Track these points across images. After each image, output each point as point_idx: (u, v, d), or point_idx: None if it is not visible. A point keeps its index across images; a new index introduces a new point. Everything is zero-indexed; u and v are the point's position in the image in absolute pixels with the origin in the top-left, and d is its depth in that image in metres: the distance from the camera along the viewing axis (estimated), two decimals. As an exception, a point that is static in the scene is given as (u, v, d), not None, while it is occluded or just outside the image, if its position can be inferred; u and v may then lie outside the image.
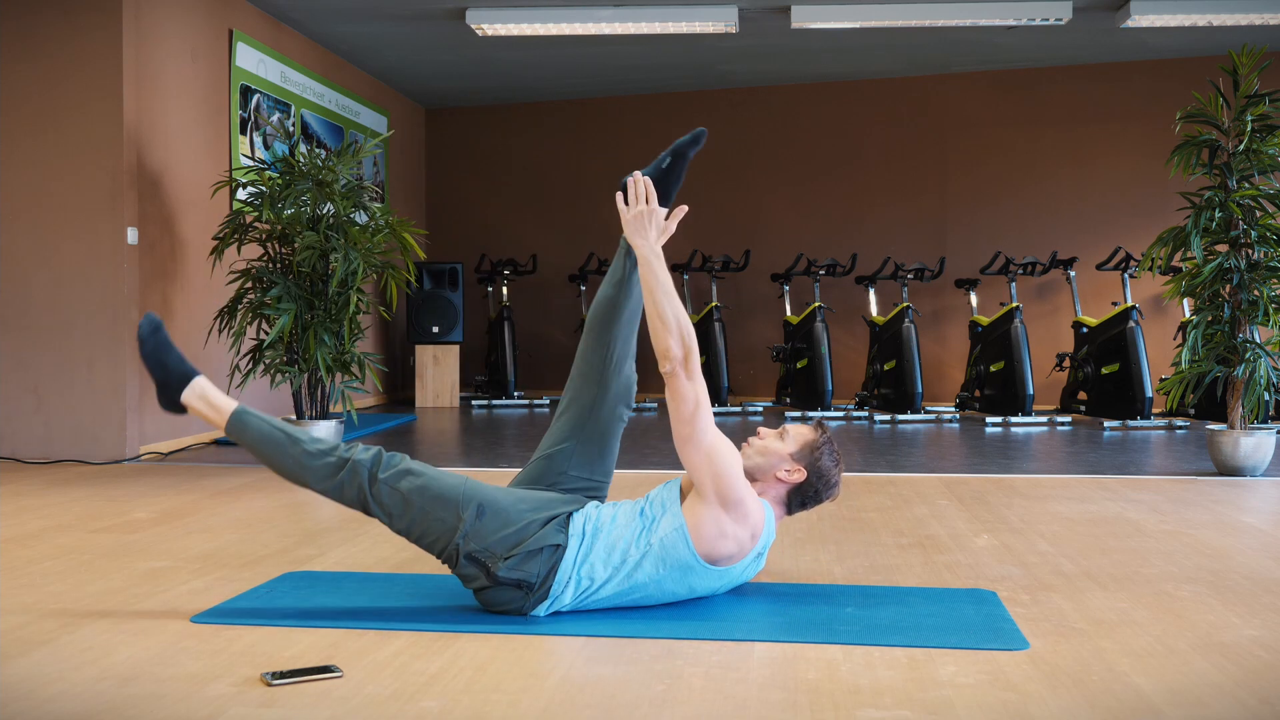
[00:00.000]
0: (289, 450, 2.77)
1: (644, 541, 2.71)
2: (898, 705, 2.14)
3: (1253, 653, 2.50)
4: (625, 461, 5.87)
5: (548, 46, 8.28)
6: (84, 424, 5.75)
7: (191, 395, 2.86)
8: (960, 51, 8.82)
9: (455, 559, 2.68)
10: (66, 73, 5.76)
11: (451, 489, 2.72)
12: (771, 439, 2.87)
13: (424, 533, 2.71)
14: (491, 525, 2.67)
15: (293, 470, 2.77)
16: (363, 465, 2.72)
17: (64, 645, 2.53)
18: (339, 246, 5.60)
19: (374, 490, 2.71)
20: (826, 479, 2.85)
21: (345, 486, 2.73)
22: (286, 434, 2.79)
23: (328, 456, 2.75)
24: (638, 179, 2.88)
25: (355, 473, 2.72)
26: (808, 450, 2.84)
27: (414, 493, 2.70)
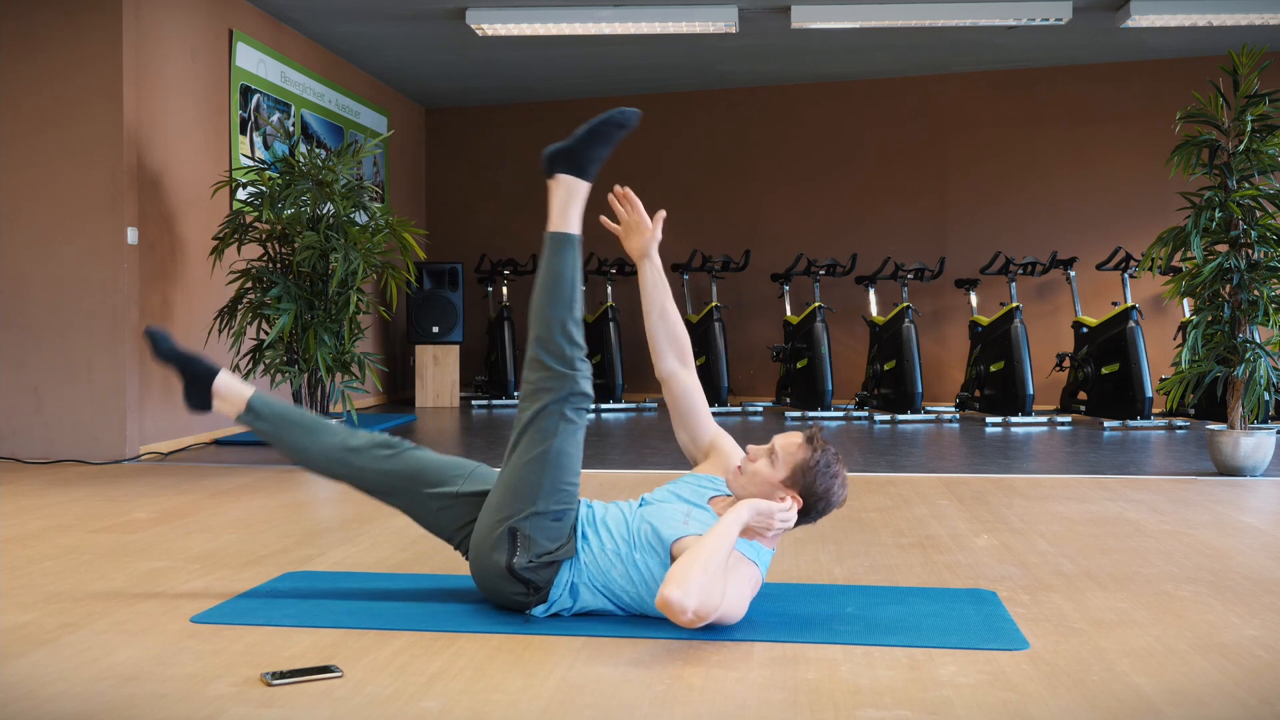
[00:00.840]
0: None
1: (633, 589, 2.67)
2: (898, 705, 2.14)
3: (1253, 653, 2.50)
4: (625, 461, 5.87)
5: (548, 46, 8.27)
6: (84, 424, 5.75)
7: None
8: (960, 51, 8.82)
9: (500, 524, 2.66)
10: (66, 73, 5.76)
11: (568, 468, 2.71)
12: (763, 462, 2.70)
13: (511, 486, 2.68)
14: (554, 530, 2.67)
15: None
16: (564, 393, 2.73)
17: (64, 645, 2.53)
18: (339, 246, 5.60)
19: (561, 410, 2.71)
20: (825, 499, 2.70)
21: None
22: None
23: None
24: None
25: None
26: (799, 474, 2.67)
27: (558, 452, 2.69)
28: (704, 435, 3.01)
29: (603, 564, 2.68)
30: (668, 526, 2.67)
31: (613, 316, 9.11)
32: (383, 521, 3.98)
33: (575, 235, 2.80)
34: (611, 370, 8.95)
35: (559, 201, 2.82)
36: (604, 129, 2.80)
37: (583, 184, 2.82)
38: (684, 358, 3.02)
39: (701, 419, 3.01)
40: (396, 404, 9.52)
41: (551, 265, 2.78)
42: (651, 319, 3.00)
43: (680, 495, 2.82)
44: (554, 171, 2.83)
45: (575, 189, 2.82)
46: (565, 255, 2.78)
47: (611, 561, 2.68)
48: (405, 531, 3.79)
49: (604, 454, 6.17)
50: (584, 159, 2.81)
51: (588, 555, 2.68)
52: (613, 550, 2.68)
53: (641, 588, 2.66)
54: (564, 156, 2.82)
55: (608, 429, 7.52)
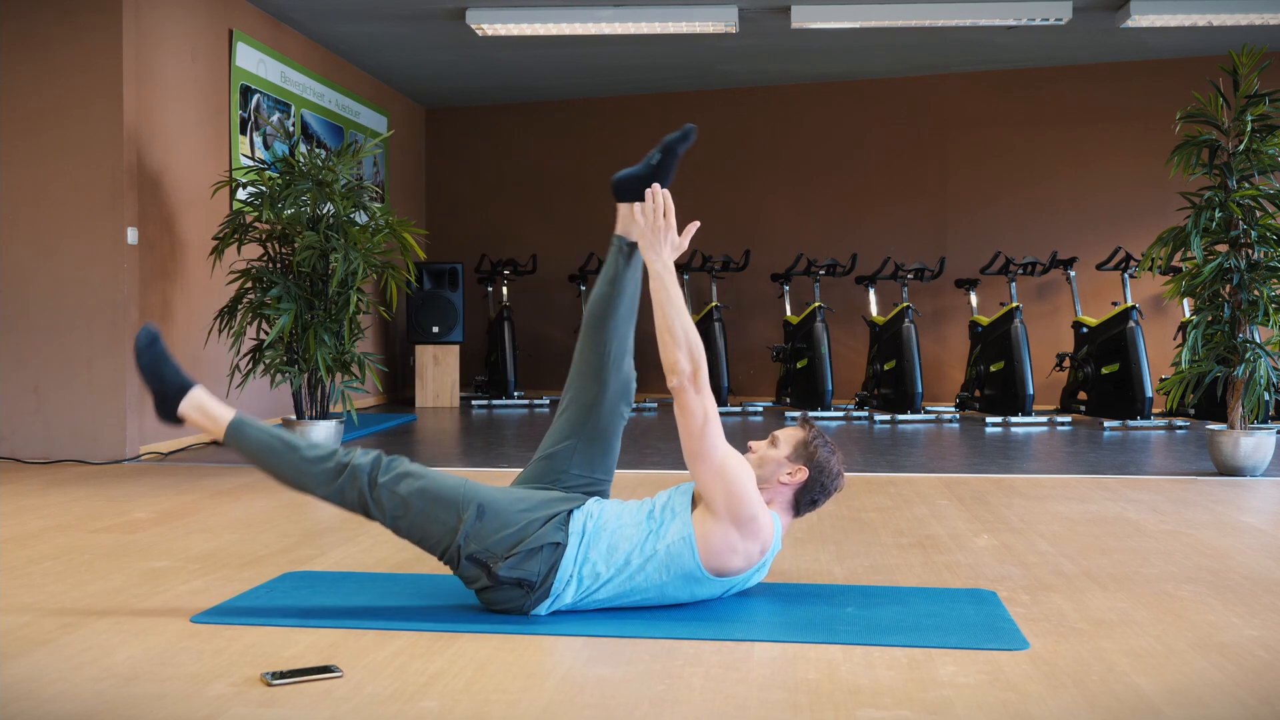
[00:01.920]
0: (288, 458, 2.76)
1: (649, 547, 2.71)
2: (898, 705, 2.14)
3: (1253, 653, 2.50)
4: (625, 461, 5.87)
5: (548, 46, 8.28)
6: (84, 424, 5.75)
7: (189, 406, 2.83)
8: (960, 51, 8.82)
9: (457, 560, 2.68)
10: (66, 73, 5.76)
11: (451, 490, 2.72)
12: (763, 448, 2.87)
13: (425, 535, 2.71)
14: (491, 525, 2.67)
15: (292, 477, 2.77)
16: (362, 469, 2.72)
17: (64, 645, 2.53)
18: (339, 246, 5.60)
19: (374, 494, 2.71)
20: (829, 470, 2.84)
21: (345, 491, 2.73)
22: (284, 441, 2.78)
23: (326, 462, 2.75)
24: (656, 192, 2.87)
25: (355, 477, 2.72)
26: (802, 448, 2.83)
27: (414, 495, 2.70)
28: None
29: (615, 529, 2.72)
30: (679, 491, 2.82)
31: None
32: (383, 521, 3.98)
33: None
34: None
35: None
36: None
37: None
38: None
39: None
40: (396, 404, 9.52)
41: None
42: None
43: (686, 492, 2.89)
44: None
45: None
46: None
47: (627, 533, 2.72)
48: (405, 531, 3.79)
49: (604, 454, 6.16)
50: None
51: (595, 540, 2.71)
52: (631, 523, 2.74)
53: (657, 543, 2.70)
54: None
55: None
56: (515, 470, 5.34)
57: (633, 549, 2.71)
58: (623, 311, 2.90)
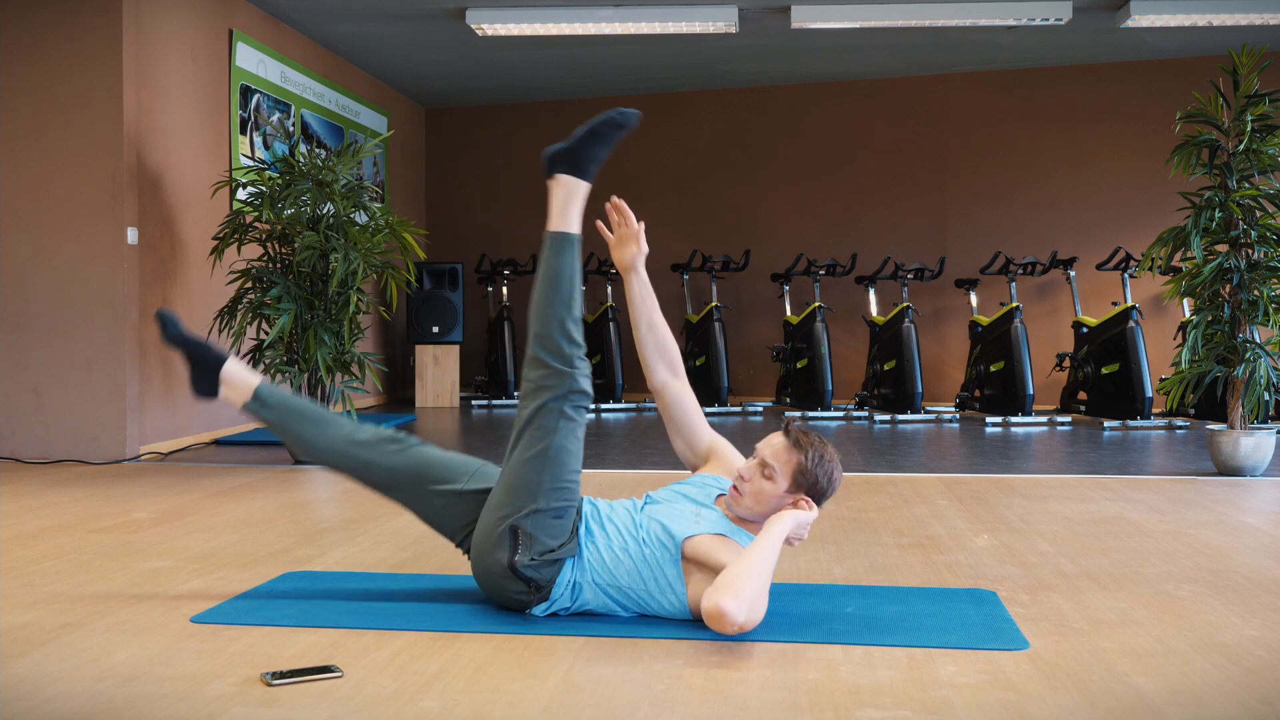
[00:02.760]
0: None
1: (640, 586, 2.67)
2: (898, 705, 2.14)
3: (1253, 653, 2.50)
4: (625, 461, 5.87)
5: (548, 46, 8.28)
6: (84, 424, 5.75)
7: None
8: (960, 51, 8.82)
9: (501, 522, 2.66)
10: (66, 73, 5.76)
11: (573, 470, 2.72)
12: (760, 481, 2.70)
13: (513, 482, 2.69)
14: (554, 527, 2.66)
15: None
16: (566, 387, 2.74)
17: (64, 645, 2.53)
18: (339, 246, 5.60)
19: (560, 408, 2.71)
20: (830, 488, 2.74)
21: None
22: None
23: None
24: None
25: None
26: (800, 478, 2.69)
27: (543, 452, 2.68)
28: (700, 442, 3.05)
29: (609, 561, 2.68)
30: (678, 524, 2.68)
31: (612, 316, 9.11)
32: (383, 521, 3.98)
33: (575, 235, 2.82)
34: (611, 370, 8.96)
35: (559, 201, 2.84)
36: (603, 130, 2.82)
37: (582, 184, 2.84)
38: (674, 368, 3.05)
39: (696, 426, 3.05)
40: (396, 404, 9.52)
41: (551, 264, 2.79)
42: (640, 331, 3.03)
43: (687, 495, 2.83)
44: (554, 172, 2.85)
45: (575, 189, 2.83)
46: (564, 254, 2.79)
47: (618, 559, 2.68)
48: (405, 531, 3.79)
49: (604, 454, 6.17)
50: (583, 159, 2.83)
51: (592, 552, 2.68)
52: (620, 547, 2.69)
53: (650, 584, 2.66)
54: (564, 157, 2.84)
55: (608, 429, 7.52)
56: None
57: (625, 584, 2.68)
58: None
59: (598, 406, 8.71)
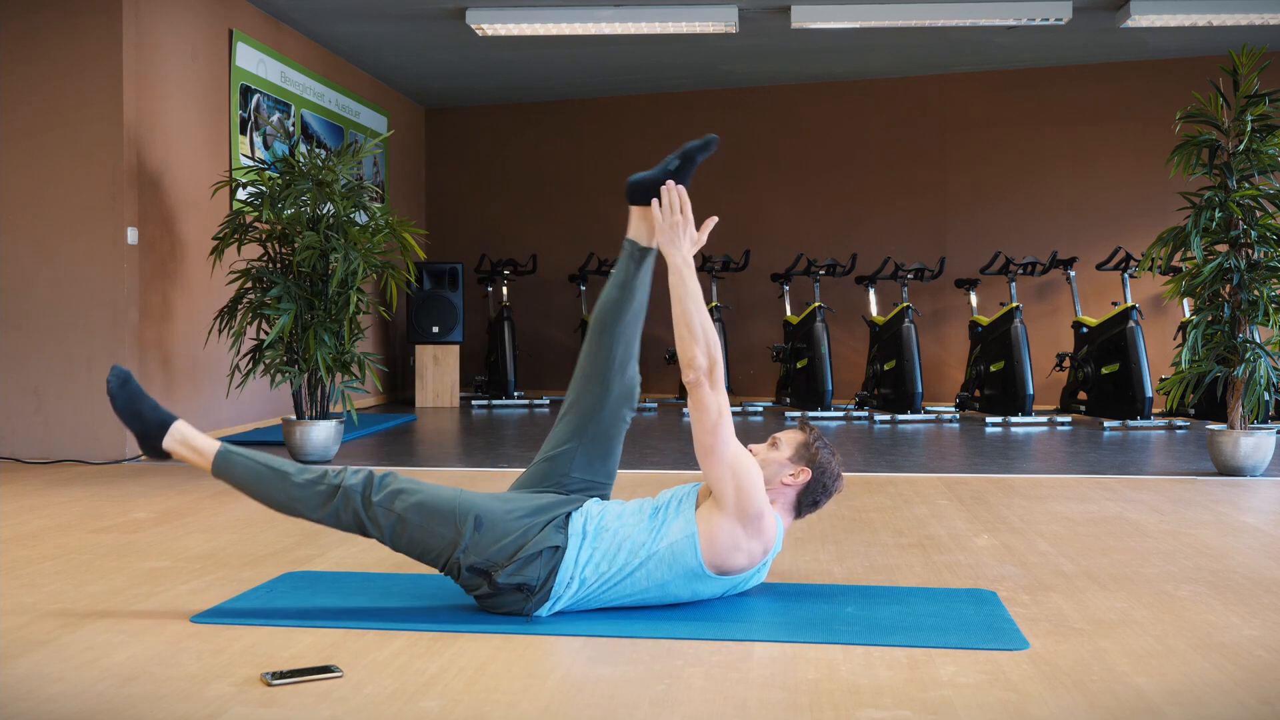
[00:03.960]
0: (278, 485, 2.76)
1: (652, 544, 2.71)
2: (898, 705, 2.14)
3: (1253, 653, 2.50)
4: (625, 461, 5.85)
5: (548, 46, 8.27)
6: (84, 424, 5.75)
7: (172, 441, 2.82)
8: (960, 51, 8.82)
9: (458, 571, 2.69)
10: (66, 73, 5.76)
11: (447, 503, 2.71)
12: (764, 450, 2.88)
13: (424, 549, 2.72)
14: (490, 536, 2.67)
15: (284, 503, 2.77)
16: (355, 490, 2.72)
17: (64, 645, 2.53)
18: (339, 246, 5.60)
19: (369, 513, 2.71)
20: (830, 471, 2.86)
21: (340, 513, 2.73)
22: (273, 469, 2.77)
23: (317, 485, 2.74)
24: (672, 188, 2.91)
25: (348, 498, 2.72)
26: (804, 449, 2.85)
27: (409, 511, 2.70)
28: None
29: (616, 528, 2.72)
30: (685, 490, 2.83)
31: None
32: (383, 521, 3.98)
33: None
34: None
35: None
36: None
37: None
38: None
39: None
40: (396, 404, 9.52)
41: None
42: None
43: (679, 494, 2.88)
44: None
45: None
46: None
47: (629, 533, 2.72)
48: (405, 531, 3.79)
49: (604, 454, 6.16)
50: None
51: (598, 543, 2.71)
52: (632, 522, 2.75)
53: (658, 542, 2.71)
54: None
55: (608, 429, 7.51)
56: (516, 470, 5.34)
57: (635, 547, 2.71)
58: (630, 316, 2.90)
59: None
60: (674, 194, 2.87)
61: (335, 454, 5.87)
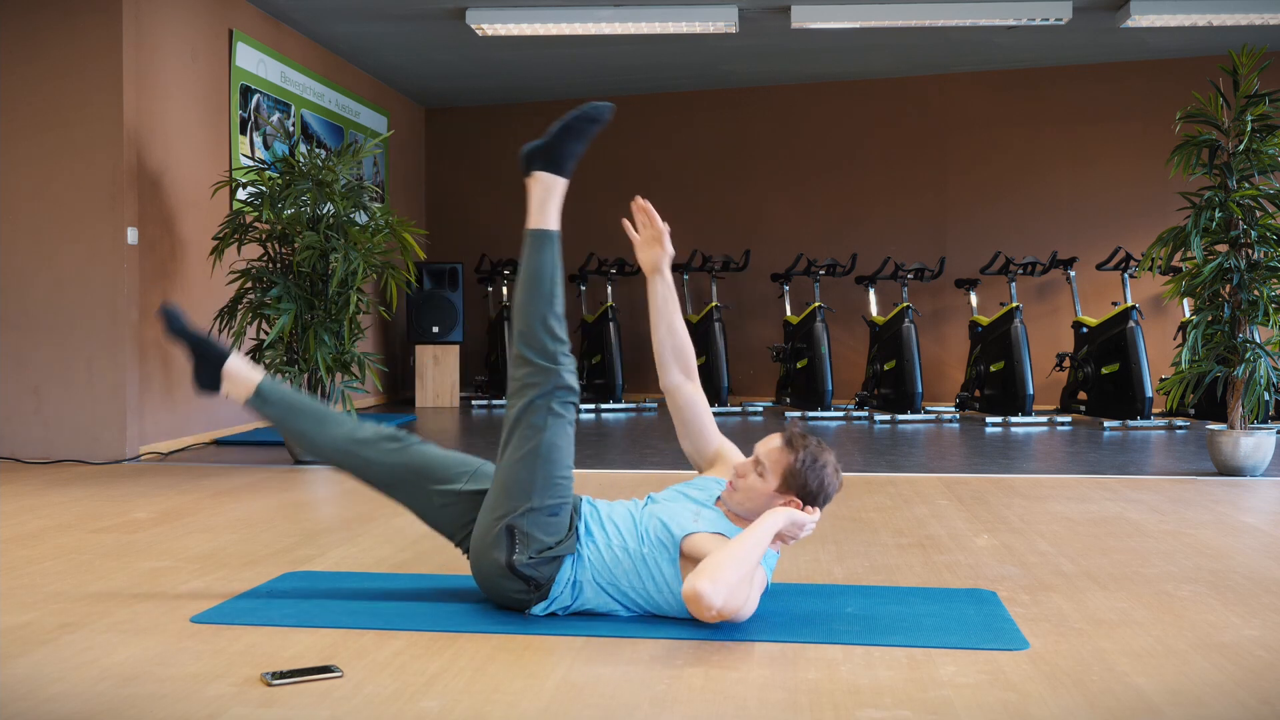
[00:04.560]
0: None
1: (640, 584, 2.67)
2: (898, 705, 2.14)
3: (1253, 653, 2.50)
4: (625, 461, 5.87)
5: (548, 46, 8.27)
6: (84, 424, 5.75)
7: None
8: (960, 51, 8.82)
9: (497, 522, 2.65)
10: (66, 73, 5.76)
11: (566, 468, 2.71)
12: (753, 478, 2.72)
13: (510, 481, 2.67)
14: (550, 525, 2.66)
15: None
16: (553, 384, 2.72)
17: (64, 645, 2.53)
18: (339, 246, 5.60)
19: (548, 404, 2.70)
20: (822, 492, 2.72)
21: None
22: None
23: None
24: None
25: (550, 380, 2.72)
26: (789, 479, 2.69)
27: (548, 446, 2.68)
28: (709, 445, 3.04)
29: (608, 559, 2.68)
30: (677, 523, 2.69)
31: (612, 316, 9.10)
32: (383, 521, 3.98)
33: (554, 231, 2.85)
34: (611, 370, 8.95)
35: (537, 199, 2.87)
36: (577, 125, 2.84)
37: (560, 180, 2.87)
38: (689, 371, 3.05)
39: (706, 430, 3.04)
40: (396, 404, 9.52)
41: (531, 262, 2.82)
42: (660, 333, 3.02)
43: (688, 495, 2.84)
44: (531, 169, 2.88)
45: (552, 186, 2.87)
46: (544, 252, 2.81)
47: (618, 557, 2.68)
48: (405, 531, 3.79)
49: (604, 454, 6.17)
50: (560, 155, 2.86)
51: (592, 551, 2.68)
52: (619, 546, 2.69)
53: (649, 582, 2.66)
54: (540, 154, 2.87)
55: (608, 429, 7.52)
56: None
57: (624, 583, 2.68)
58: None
59: (598, 406, 8.71)
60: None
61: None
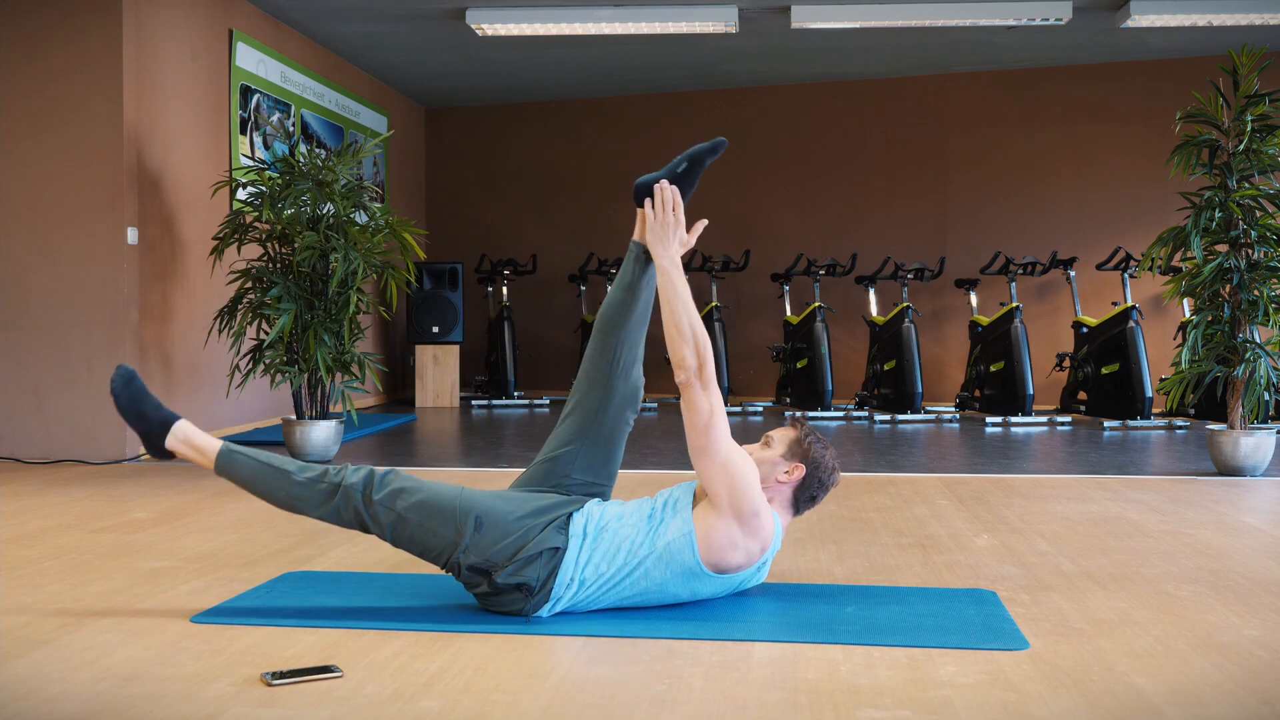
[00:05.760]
0: (279, 483, 2.77)
1: (650, 544, 2.71)
2: (898, 705, 2.14)
3: (1253, 653, 2.50)
4: (625, 461, 5.86)
5: (548, 46, 8.27)
6: (84, 424, 5.75)
7: (175, 441, 2.84)
8: (960, 51, 8.82)
9: (458, 570, 2.70)
10: (66, 73, 5.76)
11: (448, 502, 2.71)
12: (757, 450, 2.87)
13: (425, 548, 2.72)
14: (491, 536, 2.67)
15: (286, 501, 2.78)
16: (355, 489, 2.73)
17: (64, 645, 2.53)
18: (339, 246, 5.60)
19: (370, 511, 2.72)
20: (825, 466, 2.85)
21: (341, 511, 2.74)
22: (274, 467, 2.79)
23: (318, 484, 2.75)
24: (665, 188, 2.89)
25: (349, 497, 2.73)
26: (796, 445, 2.85)
27: (410, 510, 2.71)
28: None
29: (615, 529, 2.72)
30: (682, 489, 2.82)
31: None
32: (383, 521, 3.98)
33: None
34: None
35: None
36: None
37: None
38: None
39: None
40: (396, 404, 9.52)
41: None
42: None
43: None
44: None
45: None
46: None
47: (627, 533, 2.72)
48: (405, 531, 3.79)
49: (604, 454, 6.16)
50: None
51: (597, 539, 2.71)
52: (632, 523, 2.74)
53: (655, 571, 2.70)
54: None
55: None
56: (515, 470, 5.34)
57: (634, 547, 2.71)
58: (635, 318, 2.89)
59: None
60: (667, 194, 2.87)
61: (335, 454, 5.87)
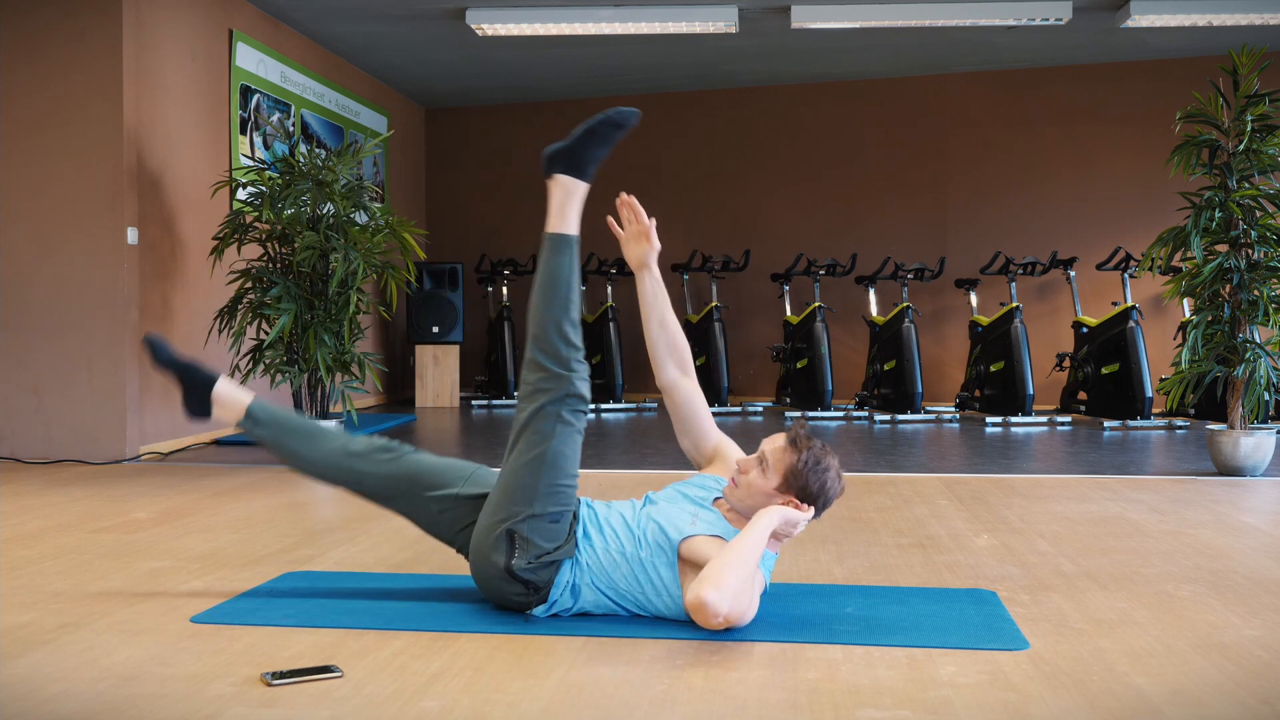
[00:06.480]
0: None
1: (637, 587, 2.67)
2: (898, 705, 2.14)
3: (1253, 653, 2.50)
4: (625, 462, 5.87)
5: (548, 46, 8.27)
6: (84, 424, 5.75)
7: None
8: (960, 51, 8.82)
9: (498, 526, 2.65)
10: (66, 73, 5.76)
11: (570, 474, 2.70)
12: (754, 473, 2.70)
13: (513, 484, 2.67)
14: (550, 531, 2.66)
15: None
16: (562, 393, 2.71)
17: (64, 645, 2.53)
18: (339, 246, 5.60)
19: (558, 411, 2.69)
20: (822, 495, 2.70)
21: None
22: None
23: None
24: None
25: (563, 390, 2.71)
26: (791, 478, 2.67)
27: (555, 453, 2.67)
28: (707, 442, 3.02)
29: (605, 563, 2.68)
30: (674, 526, 2.68)
31: (613, 317, 9.10)
32: (383, 521, 3.98)
33: (573, 236, 2.81)
34: (611, 370, 8.96)
35: (557, 202, 2.83)
36: (601, 129, 2.80)
37: (581, 184, 2.83)
38: (684, 366, 3.03)
39: (704, 426, 3.02)
40: (396, 404, 9.52)
41: (549, 266, 2.79)
42: (651, 329, 3.01)
43: (686, 495, 2.82)
44: (552, 171, 2.84)
45: (573, 189, 2.82)
46: (562, 256, 2.78)
47: (615, 561, 2.67)
48: (405, 531, 3.79)
49: (604, 454, 6.17)
50: (582, 159, 2.81)
51: (590, 555, 2.68)
52: (617, 550, 2.69)
53: (646, 586, 2.66)
54: (562, 157, 2.82)
55: (608, 429, 7.52)
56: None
57: (624, 586, 2.68)
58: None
59: (598, 406, 8.72)
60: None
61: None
